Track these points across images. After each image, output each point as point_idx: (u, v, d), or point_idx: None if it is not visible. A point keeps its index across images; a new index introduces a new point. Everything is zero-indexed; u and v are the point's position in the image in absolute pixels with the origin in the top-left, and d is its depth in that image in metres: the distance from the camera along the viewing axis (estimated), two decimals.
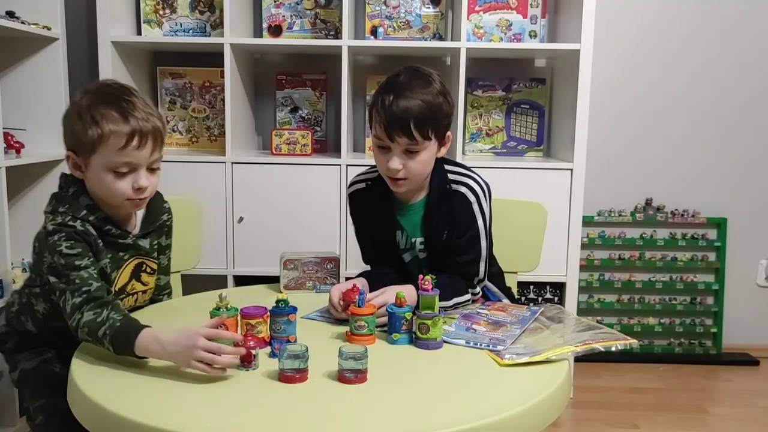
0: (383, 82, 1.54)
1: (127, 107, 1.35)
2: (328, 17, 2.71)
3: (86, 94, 1.38)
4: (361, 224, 1.72)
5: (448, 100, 1.53)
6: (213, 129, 2.84)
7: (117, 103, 1.35)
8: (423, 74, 1.52)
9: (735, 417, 2.54)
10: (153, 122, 1.38)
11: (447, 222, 1.57)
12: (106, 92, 1.39)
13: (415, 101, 1.46)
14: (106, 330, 1.24)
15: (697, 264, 3.06)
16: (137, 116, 1.35)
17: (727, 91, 3.00)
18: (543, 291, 2.65)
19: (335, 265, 1.77)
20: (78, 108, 1.36)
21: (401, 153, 1.49)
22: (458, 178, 1.58)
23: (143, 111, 1.37)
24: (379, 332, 1.41)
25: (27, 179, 2.51)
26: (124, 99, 1.36)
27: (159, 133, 1.40)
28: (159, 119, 1.41)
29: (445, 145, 1.57)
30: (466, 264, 1.57)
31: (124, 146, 1.34)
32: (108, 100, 1.36)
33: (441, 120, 1.51)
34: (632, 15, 2.96)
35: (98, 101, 1.36)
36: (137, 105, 1.37)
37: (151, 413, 1.06)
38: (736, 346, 3.11)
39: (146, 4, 2.68)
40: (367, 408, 1.11)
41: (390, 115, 1.46)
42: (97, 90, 1.40)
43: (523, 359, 1.26)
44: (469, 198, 1.55)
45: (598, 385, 2.79)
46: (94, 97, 1.37)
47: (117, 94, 1.38)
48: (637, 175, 3.05)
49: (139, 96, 1.40)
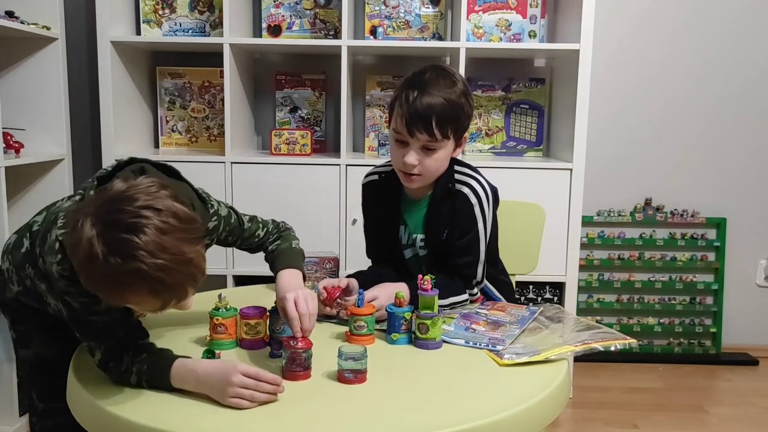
0: (408, 77, 1.54)
1: (157, 283, 1.04)
2: (327, 17, 2.71)
3: (100, 240, 1.02)
4: (368, 216, 1.73)
5: (470, 101, 1.54)
6: (212, 129, 2.84)
7: (146, 278, 1.03)
8: (448, 73, 1.53)
9: (734, 417, 2.54)
10: (194, 281, 1.10)
11: (448, 221, 1.57)
12: (128, 245, 1.02)
13: (439, 99, 1.47)
14: (137, 377, 1.16)
15: (696, 264, 3.06)
16: (170, 282, 1.05)
17: (727, 91, 3.00)
18: (542, 291, 2.65)
19: (334, 264, 1.77)
20: (94, 261, 1.02)
21: (419, 149, 1.50)
22: (463, 178, 1.57)
23: (180, 272, 1.05)
24: (378, 332, 1.41)
25: (26, 179, 2.51)
26: (155, 260, 1.03)
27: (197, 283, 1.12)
28: (201, 257, 1.10)
29: (461, 146, 1.58)
30: (464, 266, 1.57)
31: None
32: (130, 263, 1.02)
33: (462, 120, 1.52)
34: (632, 15, 2.96)
35: (122, 267, 1.02)
36: (172, 270, 1.04)
37: (151, 413, 1.06)
38: (735, 346, 3.11)
39: (146, 4, 2.68)
40: (366, 408, 1.11)
41: (413, 111, 1.47)
42: (114, 238, 1.02)
43: (523, 359, 1.26)
44: (471, 200, 1.55)
45: (598, 384, 2.79)
46: (111, 253, 1.02)
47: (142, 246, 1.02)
48: (637, 175, 3.05)
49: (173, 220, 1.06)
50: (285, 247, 1.48)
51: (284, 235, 1.52)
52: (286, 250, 1.48)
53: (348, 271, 2.42)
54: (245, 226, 1.47)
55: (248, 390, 1.08)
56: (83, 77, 2.85)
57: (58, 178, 2.54)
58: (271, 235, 1.52)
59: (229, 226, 1.43)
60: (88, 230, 1.02)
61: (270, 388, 1.10)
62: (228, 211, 1.43)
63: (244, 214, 1.49)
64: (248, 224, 1.48)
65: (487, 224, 1.57)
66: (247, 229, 1.47)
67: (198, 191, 1.36)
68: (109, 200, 1.06)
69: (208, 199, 1.38)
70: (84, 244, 1.02)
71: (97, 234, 1.02)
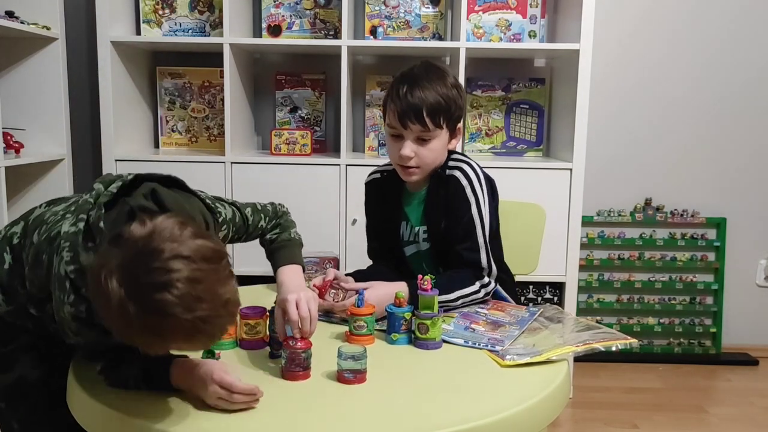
0: (398, 75, 1.58)
1: (197, 332, 0.99)
2: (327, 17, 2.71)
3: (131, 301, 0.96)
4: (371, 215, 1.75)
5: (461, 93, 1.58)
6: (212, 129, 2.84)
7: (185, 330, 0.99)
8: (437, 68, 1.58)
9: (734, 417, 2.54)
10: (232, 318, 1.07)
11: (444, 208, 1.58)
12: (162, 304, 0.96)
13: (429, 91, 1.51)
14: (134, 382, 1.15)
15: (696, 264, 3.06)
16: (210, 329, 1.01)
17: (727, 91, 3.00)
18: (542, 291, 2.65)
19: (334, 264, 1.78)
20: (129, 322, 0.97)
21: (413, 140, 1.53)
22: (454, 164, 1.59)
23: (218, 316, 1.01)
24: (378, 332, 1.41)
25: (26, 179, 2.51)
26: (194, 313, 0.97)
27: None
28: (235, 292, 1.05)
29: (456, 137, 1.61)
30: (466, 251, 1.55)
31: None
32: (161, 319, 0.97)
33: (453, 111, 1.55)
34: (632, 15, 2.96)
35: (159, 324, 0.97)
36: (214, 322, 1.00)
37: (151, 413, 1.06)
38: (735, 346, 3.11)
39: (145, 4, 2.68)
40: (366, 408, 1.11)
41: (404, 104, 1.51)
42: (147, 299, 0.96)
43: (524, 360, 1.26)
44: (462, 182, 1.56)
45: (598, 384, 2.79)
46: (147, 314, 0.96)
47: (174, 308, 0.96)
48: (637, 174, 3.05)
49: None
50: (285, 238, 1.47)
51: (283, 223, 1.51)
52: (285, 242, 1.46)
53: (347, 271, 2.42)
54: (249, 221, 1.45)
55: (223, 399, 1.07)
56: (83, 77, 2.85)
57: (58, 178, 2.54)
58: (271, 221, 1.50)
59: (235, 226, 1.41)
60: (117, 289, 0.96)
61: (242, 399, 1.07)
62: (233, 212, 1.41)
63: (245, 205, 1.46)
64: (251, 218, 1.45)
65: (482, 206, 1.55)
66: (251, 224, 1.46)
67: (206, 201, 1.30)
68: (135, 256, 0.98)
69: (215, 207, 1.33)
70: (115, 304, 0.96)
71: (128, 295, 0.96)
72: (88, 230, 1.12)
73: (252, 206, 1.47)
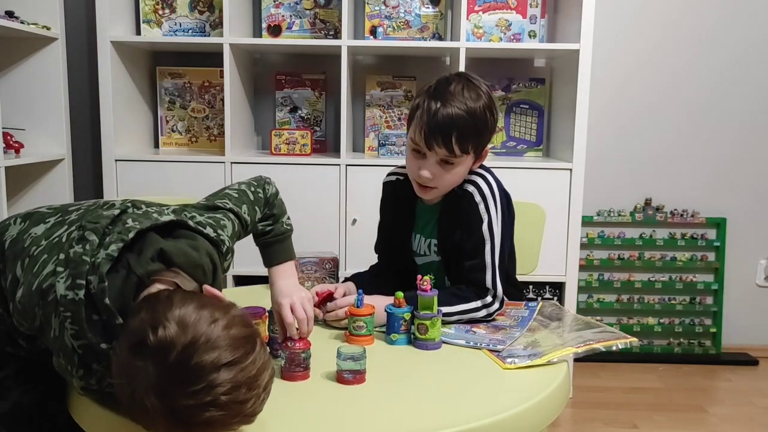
0: (432, 84, 1.47)
1: (239, 424, 0.98)
2: (327, 17, 2.71)
3: (173, 417, 0.92)
4: (384, 215, 1.70)
5: (495, 115, 1.48)
6: (212, 129, 2.84)
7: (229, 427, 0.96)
8: (474, 85, 1.45)
9: (734, 417, 2.54)
10: (268, 395, 1.02)
11: (458, 223, 1.51)
12: (210, 420, 0.92)
13: (461, 113, 1.40)
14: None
15: (696, 264, 3.06)
16: (252, 419, 0.99)
17: (727, 91, 3.00)
18: (542, 291, 2.65)
19: (334, 265, 1.77)
20: (168, 427, 0.93)
21: (435, 162, 1.44)
22: (470, 177, 1.50)
23: (259, 405, 0.99)
24: (377, 333, 1.41)
25: (26, 179, 2.51)
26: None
27: None
28: (270, 367, 1.01)
29: (481, 159, 1.52)
30: (471, 269, 1.48)
31: None
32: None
33: (484, 136, 1.47)
34: (632, 15, 2.95)
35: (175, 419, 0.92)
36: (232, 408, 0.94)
37: None
38: (735, 346, 3.11)
39: (145, 4, 2.68)
40: (365, 409, 1.11)
41: (432, 124, 1.40)
42: (193, 421, 0.92)
43: (525, 363, 1.26)
44: (476, 198, 1.49)
45: (597, 384, 2.79)
46: (191, 428, 0.93)
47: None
48: (637, 174, 3.05)
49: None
50: (278, 232, 1.40)
51: (276, 212, 1.41)
52: (279, 236, 1.39)
53: (347, 271, 2.43)
54: (248, 222, 1.33)
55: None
56: (83, 77, 2.85)
57: (58, 178, 2.54)
58: (263, 210, 1.39)
59: (236, 237, 1.31)
60: (157, 405, 0.91)
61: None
62: (232, 224, 1.28)
63: (239, 201, 1.33)
64: (248, 218, 1.33)
65: (494, 224, 1.48)
66: (249, 225, 1.35)
67: (210, 236, 1.18)
68: (171, 375, 0.91)
69: (219, 238, 1.20)
70: (153, 416, 0.92)
71: (171, 415, 0.91)
72: (91, 301, 1.01)
73: (247, 200, 1.34)
